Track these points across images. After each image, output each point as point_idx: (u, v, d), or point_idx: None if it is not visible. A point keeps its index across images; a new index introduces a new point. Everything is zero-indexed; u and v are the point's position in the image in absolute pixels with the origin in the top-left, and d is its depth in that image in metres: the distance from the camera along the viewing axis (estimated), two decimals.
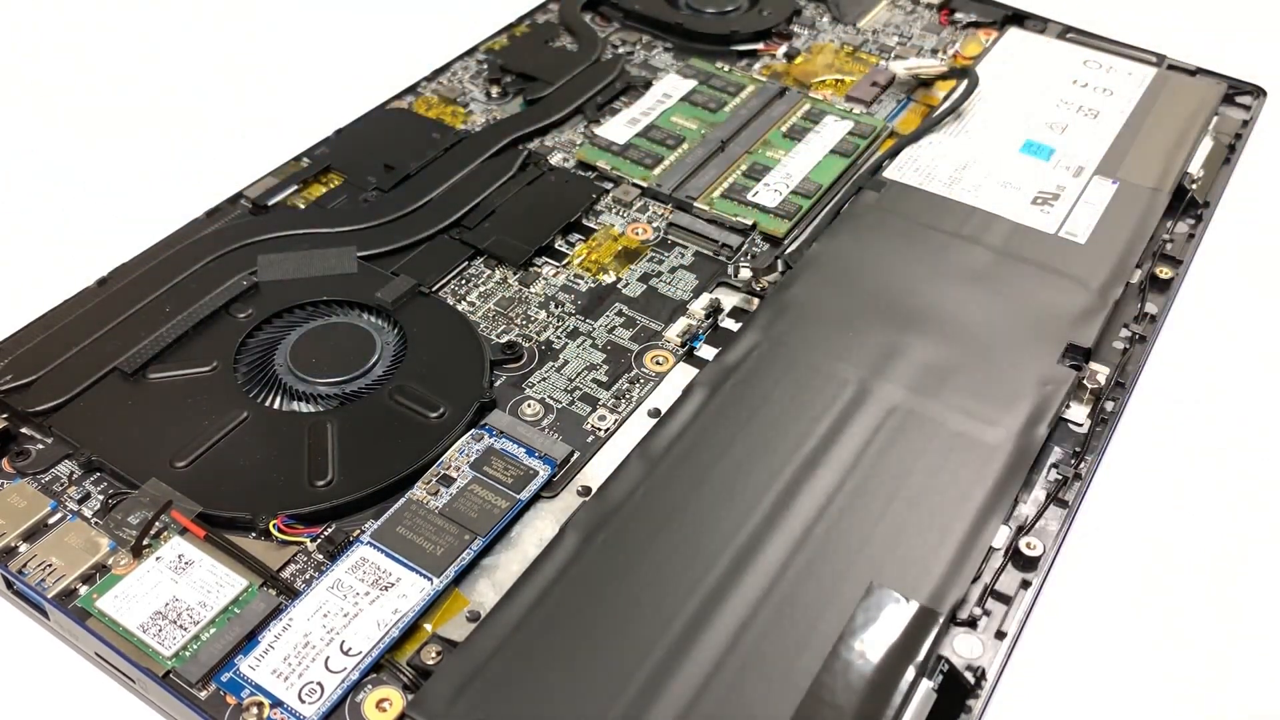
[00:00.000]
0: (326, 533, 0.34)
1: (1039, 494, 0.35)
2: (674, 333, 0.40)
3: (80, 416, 0.37)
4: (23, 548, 0.33)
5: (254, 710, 0.29)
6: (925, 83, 0.54)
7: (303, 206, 0.46)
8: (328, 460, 0.35)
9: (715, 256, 0.44)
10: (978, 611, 0.32)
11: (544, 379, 0.39)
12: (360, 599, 0.32)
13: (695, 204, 0.46)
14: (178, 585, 0.32)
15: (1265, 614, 0.34)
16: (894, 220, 0.44)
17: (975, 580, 0.32)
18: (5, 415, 0.37)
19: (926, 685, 0.30)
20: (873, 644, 0.30)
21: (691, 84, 0.53)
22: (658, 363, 0.39)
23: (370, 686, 0.30)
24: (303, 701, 0.29)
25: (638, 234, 0.45)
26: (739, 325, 0.41)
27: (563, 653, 0.30)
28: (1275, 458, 0.39)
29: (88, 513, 0.34)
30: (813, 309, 0.40)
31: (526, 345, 0.40)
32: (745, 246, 0.44)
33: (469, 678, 0.29)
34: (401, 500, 0.34)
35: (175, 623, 0.31)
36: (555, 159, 0.49)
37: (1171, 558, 0.35)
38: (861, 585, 0.31)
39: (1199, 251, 0.46)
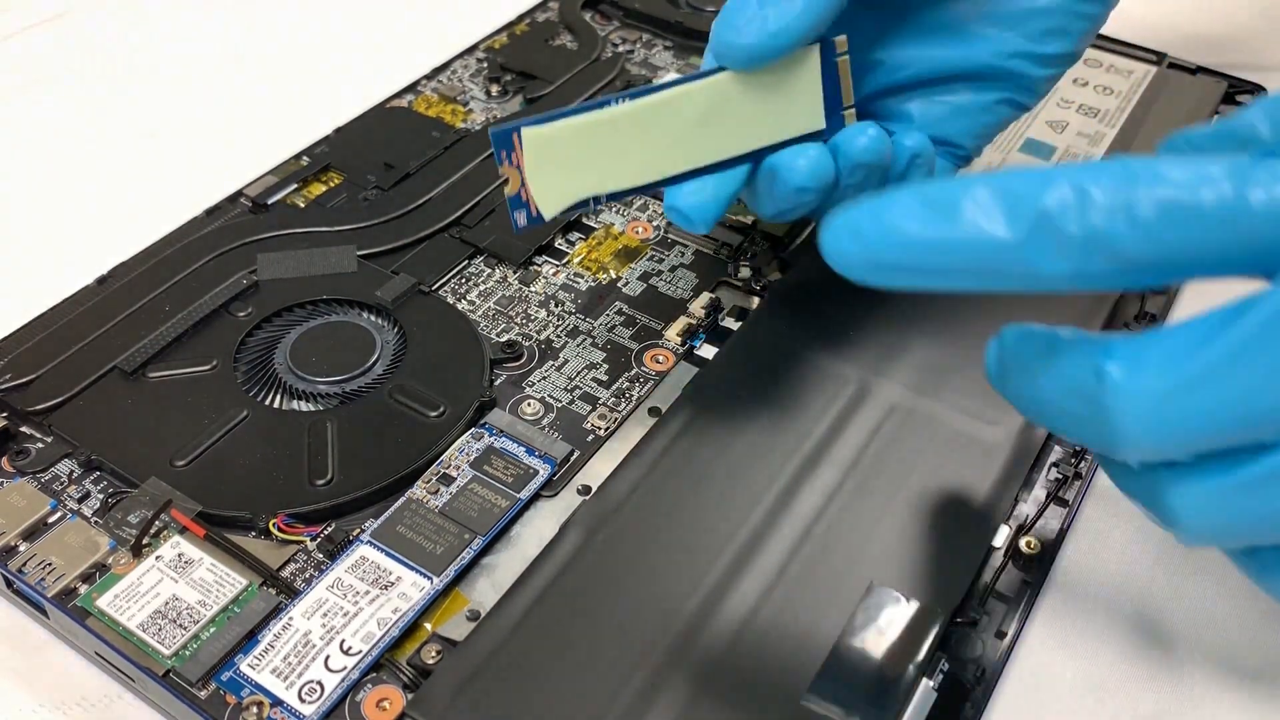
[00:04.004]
0: (326, 532, 0.34)
1: (1039, 493, 0.35)
2: (674, 332, 0.40)
3: (80, 415, 0.37)
4: (22, 547, 0.33)
5: (254, 709, 0.29)
6: None
7: (302, 205, 0.46)
8: (328, 459, 0.35)
9: (715, 255, 0.44)
10: (977, 612, 0.32)
11: (544, 378, 0.39)
12: (360, 598, 0.32)
13: None
14: (177, 584, 0.32)
15: (1267, 612, 0.34)
16: None
17: (975, 580, 0.32)
18: (5, 414, 0.37)
19: (926, 685, 0.30)
20: (873, 644, 0.30)
21: None
22: (658, 362, 0.39)
23: (370, 686, 0.30)
24: (302, 701, 0.29)
25: (638, 233, 0.45)
26: (739, 324, 0.41)
27: (563, 652, 0.30)
28: None
29: (87, 512, 0.34)
30: (813, 308, 0.40)
31: (526, 344, 0.40)
32: (745, 245, 0.44)
33: (469, 677, 0.29)
34: (401, 499, 0.34)
35: (175, 622, 0.31)
36: None
37: (1172, 557, 0.35)
38: (861, 585, 0.31)
39: None
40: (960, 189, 0.26)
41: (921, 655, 0.30)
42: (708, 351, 0.40)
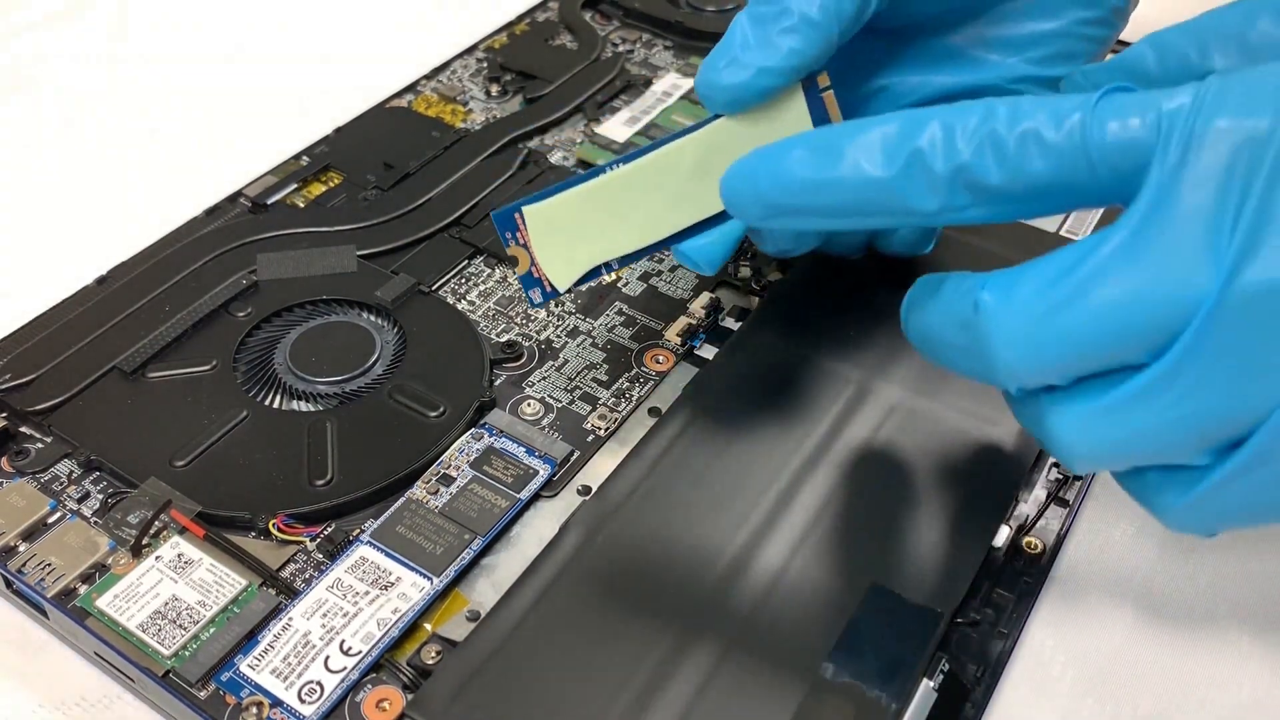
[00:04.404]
0: (326, 532, 0.34)
1: (1039, 493, 0.35)
2: (674, 332, 0.40)
3: (80, 415, 0.37)
4: (22, 547, 0.33)
5: (254, 710, 0.29)
6: None
7: (302, 205, 0.46)
8: (327, 459, 0.35)
9: None
10: (978, 612, 0.32)
11: (544, 378, 0.39)
12: (360, 598, 0.32)
13: None
14: (177, 585, 0.32)
15: (1269, 609, 0.34)
16: None
17: (975, 580, 0.32)
18: (5, 414, 0.37)
19: (926, 685, 0.30)
20: (873, 644, 0.30)
21: (691, 82, 0.53)
22: (658, 362, 0.39)
23: (370, 686, 0.30)
24: (302, 701, 0.29)
25: None
26: (739, 324, 0.41)
27: (563, 652, 0.30)
28: None
29: (87, 512, 0.34)
30: (813, 308, 0.40)
31: (526, 344, 0.40)
32: (745, 245, 0.44)
33: (469, 677, 0.29)
34: (401, 500, 0.34)
35: (175, 622, 0.31)
36: (555, 157, 0.49)
37: (1172, 557, 0.35)
38: (861, 585, 0.31)
39: None
40: (846, 133, 0.28)
41: (922, 655, 0.30)
42: (708, 351, 0.40)
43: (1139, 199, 0.24)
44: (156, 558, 0.33)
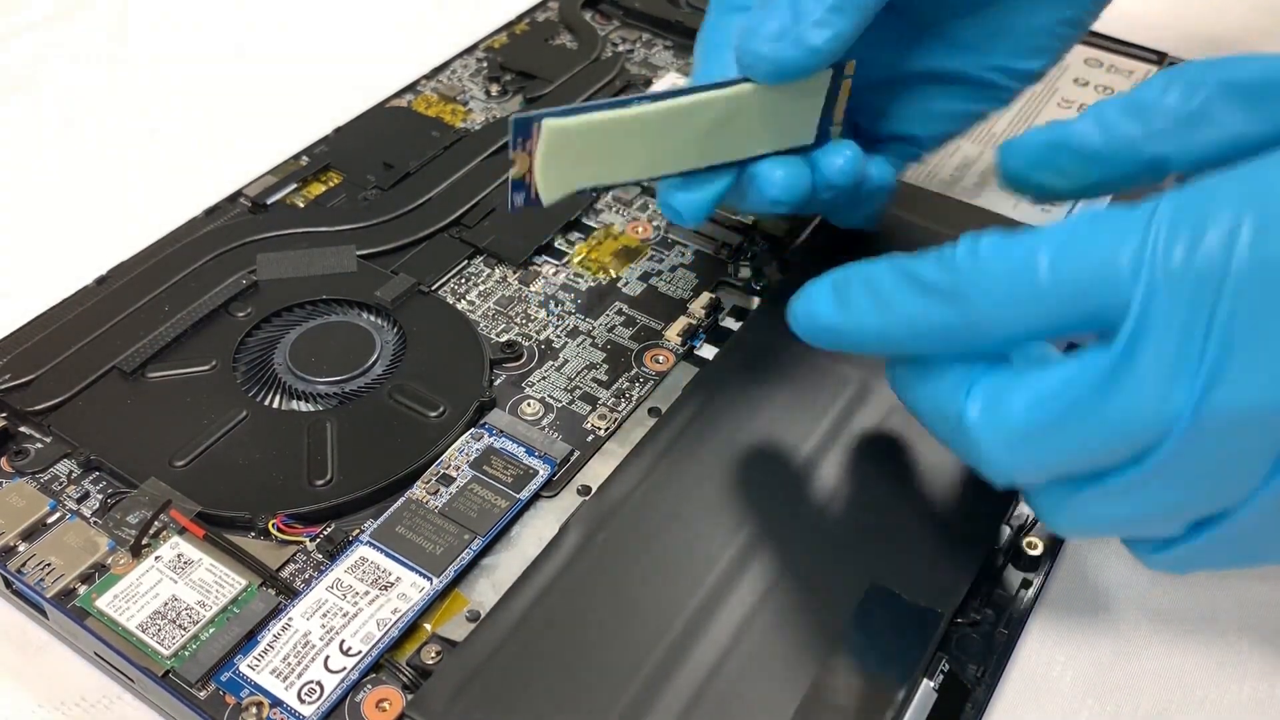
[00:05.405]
0: (326, 532, 0.34)
1: None
2: (674, 332, 0.40)
3: (79, 415, 0.37)
4: (21, 547, 0.33)
5: (253, 710, 0.29)
6: None
7: (302, 205, 0.46)
8: (327, 459, 0.35)
9: (715, 255, 0.44)
10: (978, 611, 0.32)
11: (544, 378, 0.39)
12: (360, 599, 0.32)
13: None
14: (177, 585, 0.32)
15: (1270, 609, 0.34)
16: (894, 219, 0.44)
17: (975, 580, 0.32)
18: (5, 414, 0.37)
19: (926, 685, 0.30)
20: (873, 644, 0.30)
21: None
22: (658, 362, 0.39)
23: (370, 686, 0.30)
24: (302, 701, 0.29)
25: (638, 232, 0.45)
26: (739, 324, 0.41)
27: (563, 652, 0.30)
28: None
29: (87, 512, 0.34)
30: None
31: (526, 344, 0.40)
32: (745, 245, 0.44)
33: (469, 677, 0.29)
34: (401, 500, 0.34)
35: (174, 622, 0.31)
36: None
37: None
38: (861, 585, 0.31)
39: None
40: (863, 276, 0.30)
41: (921, 655, 0.30)
42: (708, 351, 0.40)
43: (1118, 334, 0.25)
44: (156, 558, 0.33)
